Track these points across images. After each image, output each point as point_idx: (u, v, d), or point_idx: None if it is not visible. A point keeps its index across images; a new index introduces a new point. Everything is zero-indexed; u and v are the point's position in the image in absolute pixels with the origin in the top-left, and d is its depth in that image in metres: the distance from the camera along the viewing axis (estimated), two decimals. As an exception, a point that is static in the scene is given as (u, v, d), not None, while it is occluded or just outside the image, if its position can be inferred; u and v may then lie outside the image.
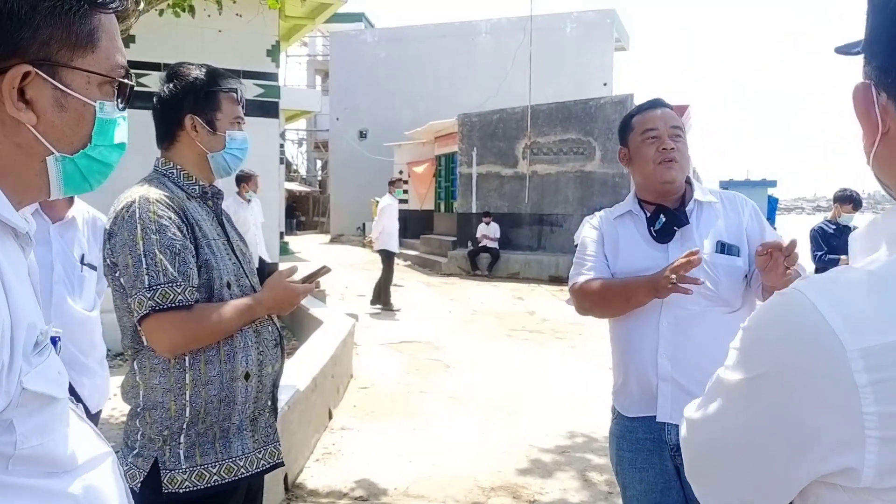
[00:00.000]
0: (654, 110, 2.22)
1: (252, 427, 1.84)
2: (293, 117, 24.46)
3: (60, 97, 0.89)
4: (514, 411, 5.39)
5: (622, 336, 2.20)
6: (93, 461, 0.95)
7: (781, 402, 0.73)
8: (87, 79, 0.91)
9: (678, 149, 2.15)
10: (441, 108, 21.12)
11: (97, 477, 0.95)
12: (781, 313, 0.76)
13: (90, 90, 0.92)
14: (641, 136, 2.19)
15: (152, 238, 1.64)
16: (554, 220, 15.49)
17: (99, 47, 0.91)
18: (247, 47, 10.78)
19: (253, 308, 1.78)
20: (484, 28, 24.55)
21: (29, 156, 0.88)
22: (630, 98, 15.08)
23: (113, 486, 0.98)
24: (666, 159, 2.14)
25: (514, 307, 10.81)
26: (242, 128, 1.92)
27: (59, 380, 0.89)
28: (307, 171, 41.00)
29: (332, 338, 5.74)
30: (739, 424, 0.78)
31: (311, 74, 35.72)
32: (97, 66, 0.92)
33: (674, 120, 2.20)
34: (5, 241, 0.85)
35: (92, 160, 0.94)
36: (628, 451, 2.17)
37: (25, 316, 0.82)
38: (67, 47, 0.88)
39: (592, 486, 3.98)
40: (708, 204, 2.19)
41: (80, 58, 0.89)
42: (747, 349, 0.79)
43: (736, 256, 2.10)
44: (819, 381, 0.70)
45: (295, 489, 3.85)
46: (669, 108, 2.24)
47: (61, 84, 0.88)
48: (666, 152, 2.14)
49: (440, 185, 19.58)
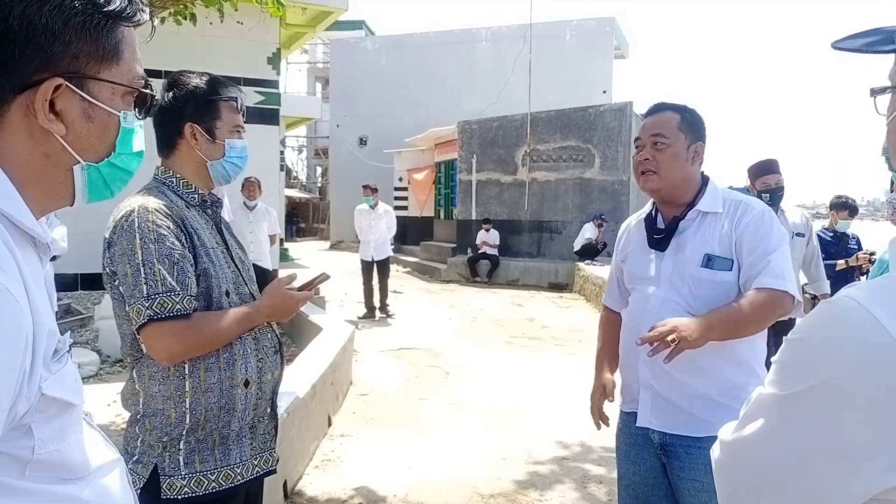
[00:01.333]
0: (647, 119, 2.21)
1: (251, 434, 1.85)
2: (293, 124, 24.50)
3: (88, 108, 0.91)
4: (513, 418, 5.39)
5: (621, 336, 2.29)
6: (104, 468, 0.97)
7: (838, 414, 0.69)
8: (112, 90, 0.94)
9: (656, 158, 2.11)
10: (441, 116, 21.18)
11: (108, 483, 0.97)
12: (835, 322, 0.73)
13: (115, 101, 0.95)
14: (634, 146, 2.23)
15: (151, 248, 1.65)
16: (553, 227, 15.52)
17: (123, 59, 0.95)
18: (248, 55, 10.83)
19: (252, 316, 1.79)
20: (484, 36, 24.62)
21: (56, 165, 0.91)
22: (629, 106, 15.12)
23: (122, 492, 1.00)
24: (641, 171, 2.16)
25: (513, 314, 10.81)
26: (242, 136, 1.93)
27: (75, 387, 0.91)
28: (307, 178, 41.04)
29: (331, 344, 5.75)
30: (791, 441, 0.74)
31: (312, 82, 35.79)
32: (121, 77, 0.95)
33: (657, 127, 2.14)
34: (25, 249, 0.87)
35: (115, 168, 0.97)
36: (624, 443, 2.28)
37: (45, 323, 0.84)
38: (95, 60, 0.91)
39: (591, 495, 3.98)
40: (713, 214, 2.13)
41: (106, 70, 0.92)
42: (797, 361, 0.76)
43: (724, 270, 2.06)
44: (880, 389, 0.67)
45: (294, 496, 3.85)
46: (668, 112, 2.17)
47: (89, 96, 0.91)
48: (641, 164, 2.15)
49: (440, 191, 19.61)
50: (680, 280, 2.10)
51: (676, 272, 2.12)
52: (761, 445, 0.78)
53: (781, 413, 0.76)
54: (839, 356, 0.70)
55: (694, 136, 2.15)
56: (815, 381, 0.72)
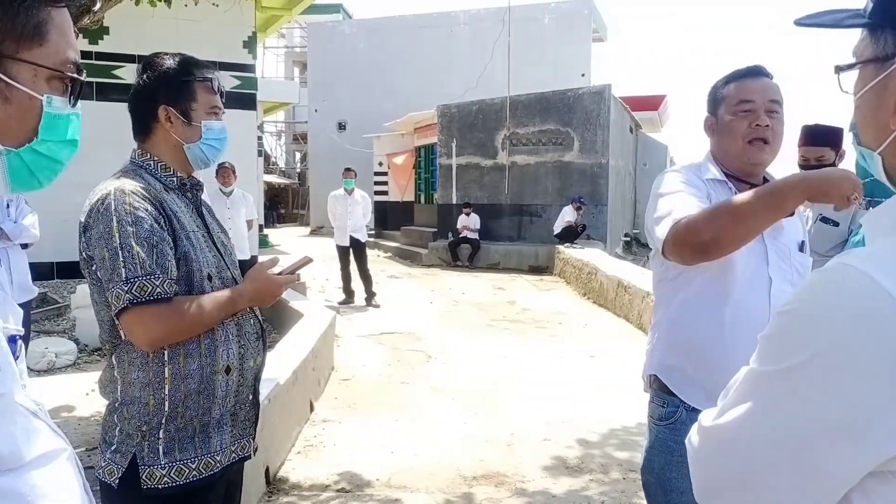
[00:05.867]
0: (754, 79, 1.93)
1: (232, 421, 1.82)
2: (271, 109, 24.27)
3: (5, 89, 0.88)
4: (495, 401, 5.41)
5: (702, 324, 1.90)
6: (44, 457, 0.91)
7: (839, 383, 0.67)
8: (35, 72, 0.90)
9: (773, 127, 1.89)
10: (420, 100, 21.07)
11: (49, 473, 0.91)
12: (831, 288, 0.71)
13: (37, 84, 0.91)
14: (735, 108, 1.92)
15: (128, 230, 1.60)
16: (533, 210, 15.55)
17: (48, 41, 0.91)
18: (223, 38, 10.68)
19: (234, 300, 1.76)
20: (462, 19, 24.49)
21: None
22: (608, 88, 15.15)
23: (69, 481, 0.95)
24: (758, 137, 1.89)
25: (494, 297, 10.84)
26: (221, 117, 1.88)
27: (1, 374, 0.85)
28: (286, 164, 40.72)
29: (312, 330, 5.73)
30: (787, 420, 0.71)
31: (290, 66, 35.44)
32: (45, 59, 0.91)
33: (774, 93, 1.91)
34: None
35: (39, 155, 0.93)
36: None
37: None
38: (12, 39, 0.87)
39: (575, 472, 4.01)
40: None
41: (26, 50, 0.89)
42: (790, 332, 0.73)
43: (809, 256, 1.91)
44: (884, 351, 0.65)
45: (277, 482, 3.84)
46: (770, 78, 1.94)
47: (5, 76, 0.87)
48: (759, 129, 1.88)
49: (420, 176, 19.56)
50: (787, 264, 1.90)
51: (780, 256, 1.91)
52: (751, 428, 0.74)
53: (775, 390, 0.73)
54: (840, 321, 0.68)
55: None
56: (814, 351, 0.69)
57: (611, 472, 4.03)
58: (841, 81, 0.86)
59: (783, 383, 0.72)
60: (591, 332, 8.13)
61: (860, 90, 0.83)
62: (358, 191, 10.05)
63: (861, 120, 0.84)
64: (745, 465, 0.75)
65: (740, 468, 0.75)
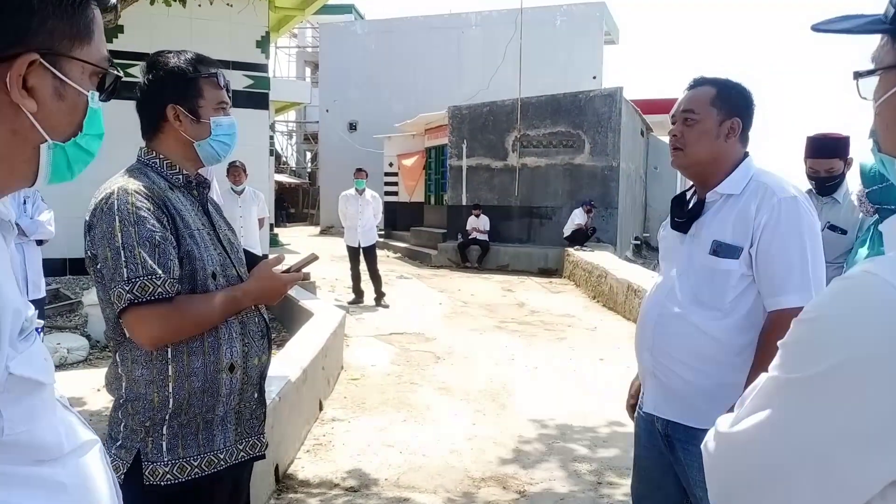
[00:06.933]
0: (684, 93, 2.09)
1: (237, 419, 1.82)
2: (283, 109, 24.33)
3: (59, 86, 0.91)
4: (503, 402, 5.40)
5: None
6: (80, 449, 0.96)
7: (863, 393, 0.66)
8: (83, 69, 0.93)
9: (683, 134, 2.02)
10: (431, 101, 21.06)
11: (85, 465, 0.95)
12: (854, 297, 0.70)
13: (84, 80, 0.94)
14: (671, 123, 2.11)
15: (130, 230, 1.61)
16: (543, 212, 15.51)
17: (93, 39, 0.94)
18: (236, 38, 10.75)
19: (238, 299, 1.76)
20: (474, 21, 24.47)
21: (23, 143, 0.90)
22: (619, 91, 15.10)
23: (100, 473, 0.99)
24: (671, 147, 2.08)
25: (503, 299, 10.82)
26: (229, 112, 1.87)
27: (45, 366, 0.89)
28: (297, 163, 40.81)
29: (322, 329, 5.73)
30: (808, 428, 0.70)
31: (301, 66, 35.52)
32: (91, 56, 0.94)
33: (687, 102, 2.04)
34: None
35: (79, 149, 0.96)
36: (638, 426, 2.24)
37: (11, 302, 0.82)
38: (69, 38, 0.90)
39: (580, 477, 4.01)
40: (734, 196, 1.98)
41: (78, 49, 0.92)
42: (812, 341, 0.72)
43: (729, 258, 1.93)
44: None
45: (286, 480, 3.86)
46: (704, 87, 2.04)
47: (61, 73, 0.90)
48: (670, 140, 2.07)
49: (430, 177, 19.54)
50: (690, 266, 2.01)
51: (689, 258, 2.02)
52: (771, 435, 0.73)
53: (797, 398, 0.71)
54: (863, 331, 0.67)
55: (729, 111, 2.00)
56: (837, 360, 0.68)
57: (619, 476, 4.02)
58: (860, 87, 0.86)
59: (805, 391, 0.71)
60: (601, 336, 8.11)
61: (881, 97, 0.82)
62: (369, 191, 10.06)
63: (882, 127, 0.83)
64: (764, 472, 0.73)
65: (759, 475, 0.74)
